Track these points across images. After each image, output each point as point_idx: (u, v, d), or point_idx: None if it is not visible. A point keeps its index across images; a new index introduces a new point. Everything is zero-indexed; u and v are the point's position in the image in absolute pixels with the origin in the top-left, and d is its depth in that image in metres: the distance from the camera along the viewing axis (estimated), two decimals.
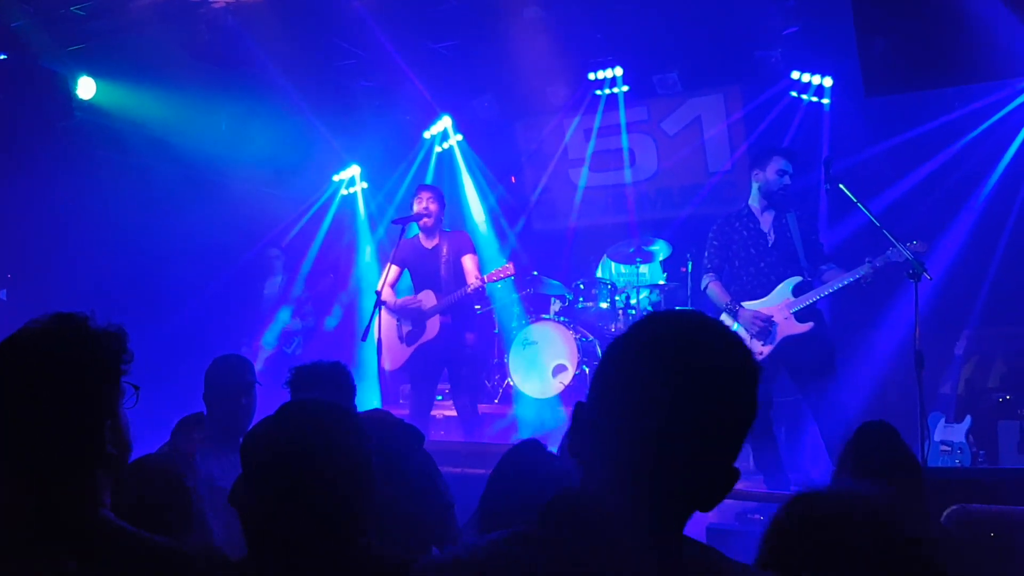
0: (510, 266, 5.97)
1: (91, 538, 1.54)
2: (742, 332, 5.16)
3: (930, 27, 5.02)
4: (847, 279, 4.94)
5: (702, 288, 5.45)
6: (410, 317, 6.12)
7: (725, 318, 5.26)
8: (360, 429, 1.77)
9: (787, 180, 5.18)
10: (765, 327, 5.06)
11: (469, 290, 5.90)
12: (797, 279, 5.12)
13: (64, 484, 1.55)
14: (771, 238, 5.21)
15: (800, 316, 5.05)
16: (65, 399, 1.56)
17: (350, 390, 3.11)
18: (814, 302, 5.03)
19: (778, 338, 5.07)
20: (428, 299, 6.08)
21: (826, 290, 5.01)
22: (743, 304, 5.16)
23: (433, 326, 6.04)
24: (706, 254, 5.42)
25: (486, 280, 5.89)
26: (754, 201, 5.32)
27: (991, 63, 5.06)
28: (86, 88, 6.92)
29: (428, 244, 6.17)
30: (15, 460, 1.56)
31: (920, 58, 5.12)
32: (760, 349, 5.08)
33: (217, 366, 3.58)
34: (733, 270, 5.33)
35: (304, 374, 3.07)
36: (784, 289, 5.12)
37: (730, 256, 5.32)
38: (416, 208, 6.11)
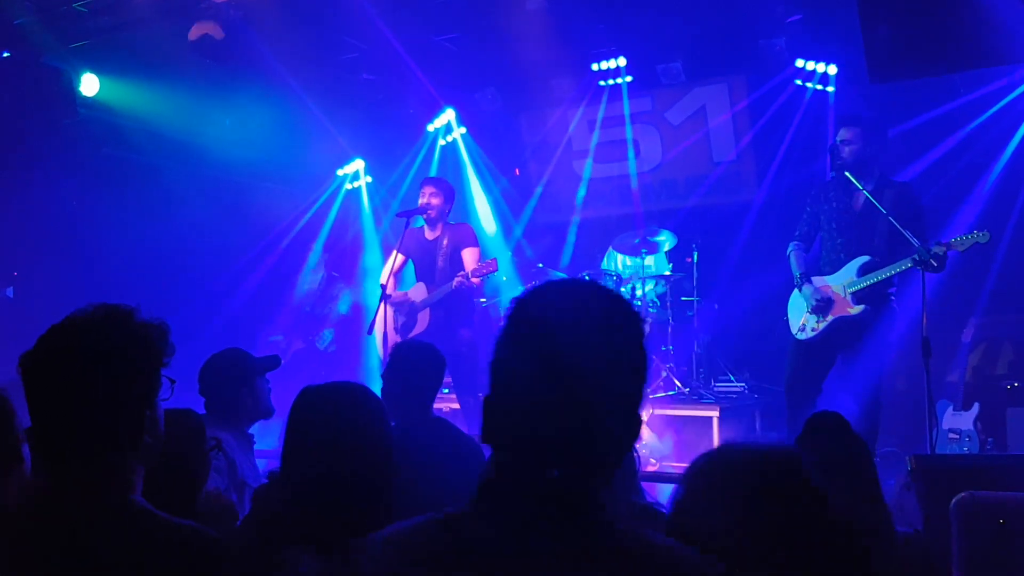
0: (493, 261, 5.88)
1: (121, 522, 1.57)
2: (800, 305, 5.19)
3: (935, 13, 4.97)
4: (893, 269, 4.87)
5: (787, 253, 5.42)
6: (403, 309, 6.15)
7: (796, 291, 5.27)
8: (379, 410, 2.05)
9: (848, 148, 5.09)
10: (821, 305, 5.05)
11: (454, 285, 5.82)
12: (865, 259, 5.03)
13: (98, 468, 1.59)
14: (857, 212, 5.12)
15: (855, 298, 5.00)
16: (112, 386, 1.61)
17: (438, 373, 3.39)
18: (871, 285, 4.95)
19: (831, 317, 5.05)
20: (419, 292, 6.09)
21: (879, 276, 4.91)
22: (813, 279, 5.16)
23: (423, 320, 6.07)
24: (800, 221, 5.41)
25: (470, 277, 5.79)
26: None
27: (997, 48, 5.01)
28: (90, 85, 6.93)
29: (430, 236, 6.17)
30: (55, 442, 1.60)
31: (925, 44, 5.07)
32: (815, 325, 5.09)
33: (213, 361, 3.54)
34: (819, 241, 5.31)
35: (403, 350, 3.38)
36: (851, 267, 5.06)
37: (820, 226, 5.30)
38: (420, 202, 6.12)
